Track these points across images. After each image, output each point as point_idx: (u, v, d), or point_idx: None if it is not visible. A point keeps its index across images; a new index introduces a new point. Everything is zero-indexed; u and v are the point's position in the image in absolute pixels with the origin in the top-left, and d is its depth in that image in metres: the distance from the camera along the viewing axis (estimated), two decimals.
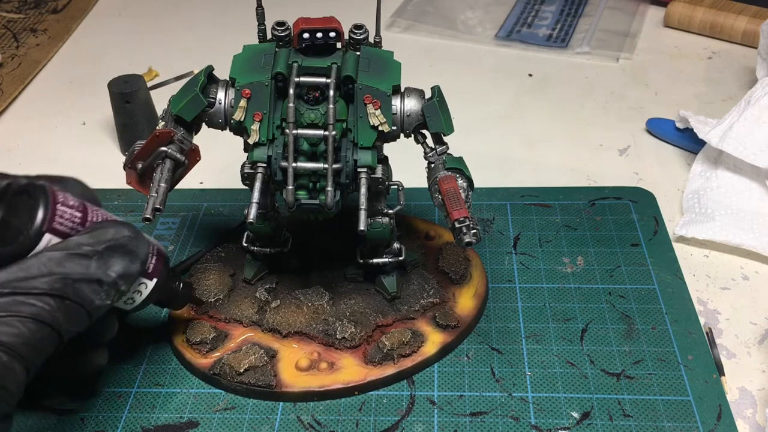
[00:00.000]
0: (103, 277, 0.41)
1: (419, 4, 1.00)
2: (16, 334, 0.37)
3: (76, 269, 0.40)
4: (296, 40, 0.48)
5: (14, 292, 0.38)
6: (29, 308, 0.38)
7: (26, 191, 0.41)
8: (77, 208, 0.43)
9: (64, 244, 0.41)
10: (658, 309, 0.56)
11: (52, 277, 0.39)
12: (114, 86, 0.72)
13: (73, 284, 0.40)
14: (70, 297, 0.39)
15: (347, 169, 0.48)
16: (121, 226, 0.43)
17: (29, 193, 0.41)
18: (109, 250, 0.42)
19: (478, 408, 0.50)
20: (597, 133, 0.77)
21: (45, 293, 0.38)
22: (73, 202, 0.43)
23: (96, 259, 0.41)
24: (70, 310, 0.40)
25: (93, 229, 0.42)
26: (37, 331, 0.38)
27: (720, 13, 0.90)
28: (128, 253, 0.43)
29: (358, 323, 0.53)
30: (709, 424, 0.48)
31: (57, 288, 0.39)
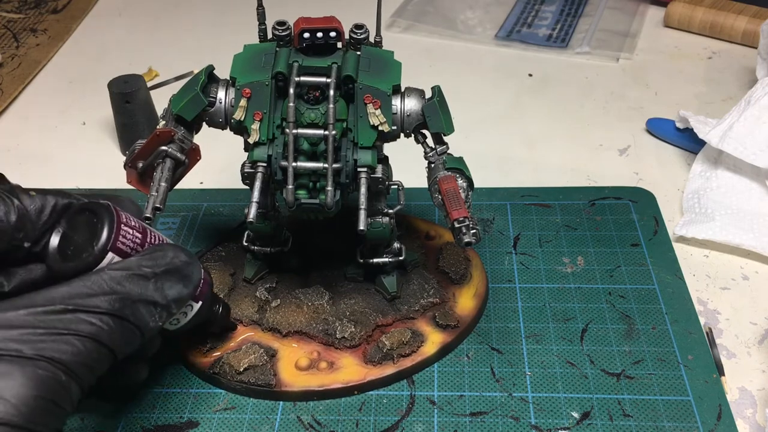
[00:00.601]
0: (160, 300, 0.42)
1: (419, 4, 1.00)
2: (75, 353, 0.37)
3: (136, 290, 0.40)
4: (297, 40, 0.48)
5: (77, 309, 0.37)
6: (89, 327, 0.38)
7: (89, 209, 0.41)
8: (138, 229, 0.43)
9: (125, 264, 0.41)
10: (658, 309, 0.56)
11: (113, 296, 0.39)
12: (114, 86, 0.72)
13: (132, 305, 0.40)
14: (128, 318, 0.39)
15: (347, 169, 0.48)
16: (179, 250, 0.44)
17: (93, 212, 0.41)
18: (166, 273, 0.42)
19: (478, 408, 0.50)
20: (597, 133, 0.77)
21: (105, 312, 0.38)
22: (134, 222, 0.43)
23: (154, 282, 0.41)
24: (126, 330, 0.40)
25: (152, 251, 0.42)
26: (95, 350, 0.38)
27: (720, 13, 0.90)
28: (183, 277, 0.43)
29: (358, 323, 0.53)
30: (709, 424, 0.48)
31: (117, 308, 0.39)
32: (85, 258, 0.40)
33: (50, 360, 0.36)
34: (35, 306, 0.36)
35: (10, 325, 0.35)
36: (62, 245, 0.41)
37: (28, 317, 0.36)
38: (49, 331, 0.36)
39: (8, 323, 0.35)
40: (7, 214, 0.40)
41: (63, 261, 0.40)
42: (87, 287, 0.38)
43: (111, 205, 0.42)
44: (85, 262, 0.40)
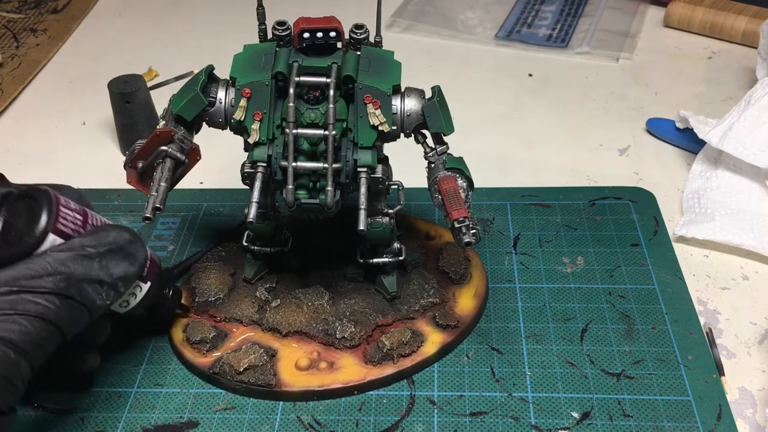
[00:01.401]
0: (105, 278, 0.43)
1: (419, 4, 1.00)
2: (22, 331, 0.38)
3: (80, 269, 0.41)
4: (297, 40, 0.48)
5: (21, 290, 0.39)
6: (35, 307, 0.39)
7: (28, 196, 0.42)
8: (78, 211, 0.44)
9: (68, 245, 0.42)
10: (658, 309, 0.56)
11: (58, 277, 0.40)
12: (114, 86, 0.72)
13: (77, 284, 0.41)
14: (74, 296, 0.41)
15: (347, 169, 0.48)
16: (122, 230, 0.45)
17: (32, 197, 0.42)
18: (110, 252, 0.43)
19: (478, 408, 0.50)
20: (597, 133, 0.77)
21: (50, 292, 0.40)
22: (74, 205, 0.44)
23: (98, 261, 0.42)
24: (73, 309, 0.41)
25: (95, 232, 0.44)
26: (42, 329, 0.39)
27: (720, 13, 0.90)
28: (128, 256, 0.44)
29: (358, 323, 0.53)
30: (709, 424, 0.48)
31: (62, 287, 0.40)
32: (26, 242, 0.41)
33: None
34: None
35: None
36: (4, 233, 0.41)
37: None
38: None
39: None
40: None
41: (4, 246, 0.41)
42: (31, 269, 0.40)
43: (49, 190, 0.43)
44: (27, 245, 0.41)
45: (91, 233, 0.44)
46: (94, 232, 0.44)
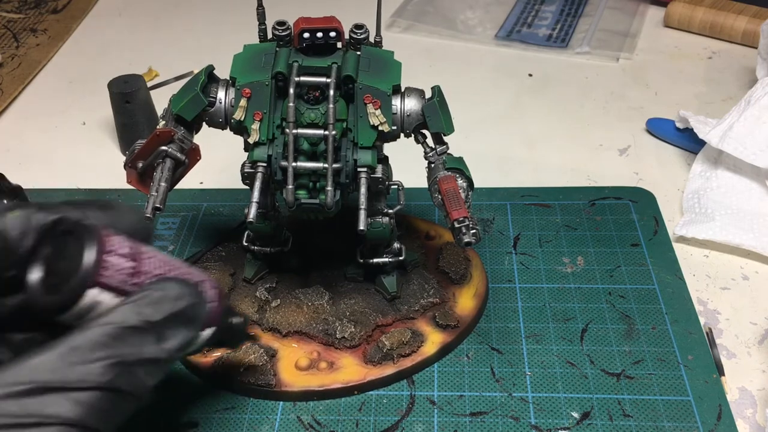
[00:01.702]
0: (162, 355, 0.35)
1: (419, 4, 1.00)
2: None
3: (133, 350, 0.33)
4: (297, 40, 0.48)
5: (59, 387, 0.31)
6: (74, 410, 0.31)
7: (72, 233, 0.36)
8: (129, 256, 0.37)
9: (119, 315, 0.34)
10: (658, 309, 0.56)
11: (105, 363, 0.32)
12: (114, 86, 0.72)
13: (127, 369, 0.33)
14: (122, 387, 0.33)
15: (347, 169, 0.48)
16: (183, 287, 0.37)
17: (76, 236, 0.36)
18: (168, 320, 0.36)
19: (478, 408, 0.50)
20: (597, 133, 0.77)
21: (94, 387, 0.32)
22: (125, 248, 0.37)
23: (152, 334, 0.35)
24: (118, 403, 0.33)
25: (152, 293, 0.36)
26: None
27: (720, 13, 0.90)
28: (188, 321, 0.37)
29: (358, 323, 0.53)
30: (709, 424, 0.48)
31: (108, 380, 0.32)
32: (65, 292, 0.35)
33: None
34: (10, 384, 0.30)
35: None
36: (44, 273, 0.36)
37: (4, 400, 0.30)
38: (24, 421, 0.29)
39: None
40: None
41: (42, 291, 0.35)
42: (74, 351, 0.32)
43: (95, 230, 0.36)
44: (65, 297, 0.35)
45: (147, 294, 0.36)
46: (151, 293, 0.36)
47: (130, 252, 0.37)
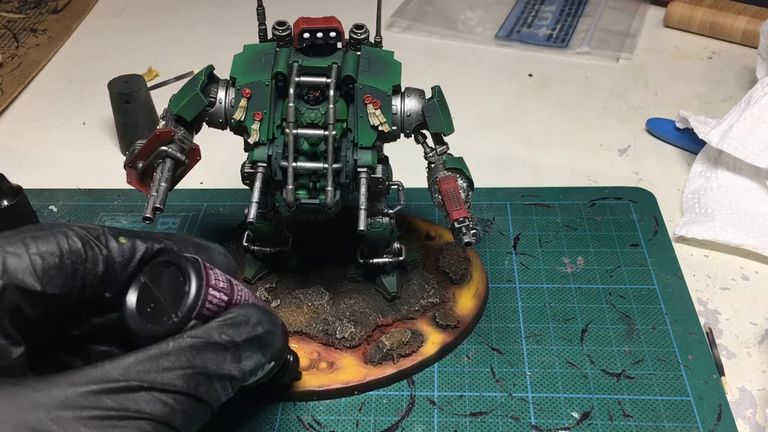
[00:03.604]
0: (236, 373, 0.37)
1: (419, 4, 1.00)
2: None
3: (213, 365, 0.36)
4: (297, 40, 0.48)
5: (152, 387, 0.33)
6: (163, 409, 0.33)
7: (175, 264, 0.37)
8: (225, 291, 0.38)
9: (205, 331, 0.36)
10: (658, 309, 0.56)
11: (190, 372, 0.34)
12: (114, 86, 0.72)
13: (207, 380, 0.35)
14: (202, 396, 0.35)
15: (347, 169, 0.48)
16: (263, 315, 0.40)
17: (180, 269, 0.37)
18: (246, 343, 0.38)
19: (478, 408, 0.50)
20: (597, 133, 0.77)
21: (179, 392, 0.34)
22: (222, 283, 0.39)
23: (232, 353, 0.37)
24: (197, 410, 0.35)
25: (236, 317, 0.38)
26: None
27: (720, 13, 0.90)
28: (263, 347, 0.39)
29: (358, 323, 0.53)
30: (709, 424, 0.48)
31: (192, 387, 0.34)
32: (165, 322, 0.36)
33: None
34: (108, 380, 0.32)
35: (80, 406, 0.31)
36: (141, 300, 0.37)
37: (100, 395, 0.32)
38: (119, 414, 0.32)
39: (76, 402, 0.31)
40: (95, 264, 0.36)
41: (141, 319, 0.37)
42: (163, 356, 0.34)
43: (201, 263, 0.37)
44: (167, 327, 0.36)
45: (231, 317, 0.38)
46: (235, 317, 0.38)
47: (225, 287, 0.39)
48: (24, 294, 0.34)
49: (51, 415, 0.30)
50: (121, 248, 0.37)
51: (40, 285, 0.34)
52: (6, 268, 0.34)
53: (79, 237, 0.36)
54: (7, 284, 0.33)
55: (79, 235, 0.36)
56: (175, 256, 0.38)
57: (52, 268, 0.35)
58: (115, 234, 0.37)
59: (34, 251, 0.34)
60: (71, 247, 0.35)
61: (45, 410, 0.30)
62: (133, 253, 0.38)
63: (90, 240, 0.36)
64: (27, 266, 0.34)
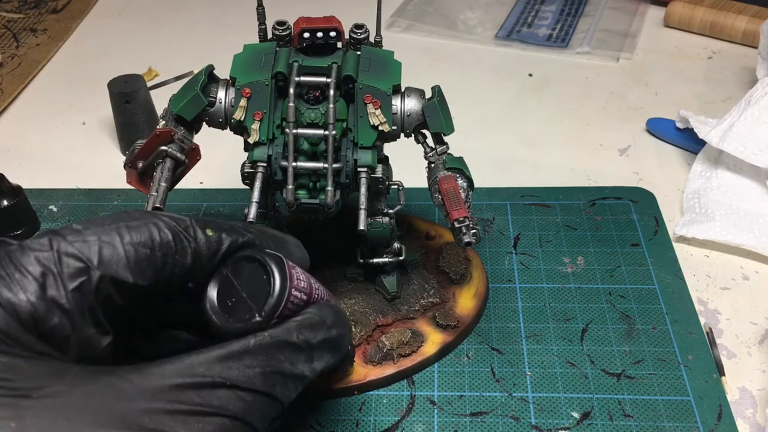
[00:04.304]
0: (308, 374, 0.37)
1: (419, 4, 1.00)
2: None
3: (288, 365, 0.36)
4: (297, 40, 0.48)
5: (234, 385, 0.33)
6: (243, 406, 0.33)
7: (259, 261, 0.37)
8: (305, 291, 0.38)
9: (285, 330, 0.36)
10: (659, 309, 0.56)
11: (268, 370, 0.35)
12: (114, 86, 0.72)
13: (282, 380, 0.35)
14: (277, 395, 0.35)
15: (347, 169, 0.48)
16: (336, 316, 0.39)
17: (263, 266, 0.37)
18: (319, 344, 0.38)
19: (479, 408, 0.50)
20: (597, 133, 0.77)
21: (260, 391, 0.34)
22: (303, 283, 0.38)
23: (306, 353, 0.37)
24: (272, 408, 0.35)
25: (312, 318, 0.38)
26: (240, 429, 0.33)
27: (720, 12, 0.90)
28: (334, 348, 0.39)
29: (358, 323, 0.53)
30: (709, 424, 0.48)
31: (269, 385, 0.35)
32: (247, 320, 0.36)
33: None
34: (194, 375, 0.32)
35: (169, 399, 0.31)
36: (222, 293, 0.37)
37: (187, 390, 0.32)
38: (204, 409, 0.32)
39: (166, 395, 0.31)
40: (184, 256, 0.36)
41: (222, 313, 0.36)
42: (246, 357, 0.34)
43: (285, 262, 0.37)
44: (249, 325, 0.36)
45: (308, 318, 0.38)
46: (311, 318, 0.38)
47: (305, 285, 0.39)
48: (116, 285, 0.34)
49: (142, 406, 0.30)
50: (208, 241, 0.37)
51: (132, 277, 0.34)
52: (102, 258, 0.33)
53: (169, 228, 0.35)
54: (103, 275, 0.33)
55: (169, 226, 0.36)
56: (259, 252, 0.37)
57: (144, 260, 0.34)
58: (202, 226, 0.37)
59: (128, 241, 0.34)
60: (162, 239, 0.35)
61: (137, 402, 0.31)
62: (219, 246, 0.37)
63: (179, 232, 0.36)
64: (121, 257, 0.34)
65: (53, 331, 0.32)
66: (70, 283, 0.32)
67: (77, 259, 0.33)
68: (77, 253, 0.33)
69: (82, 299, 0.33)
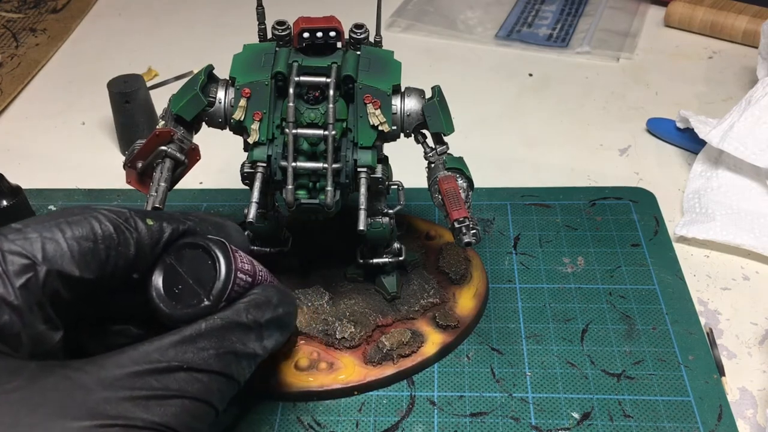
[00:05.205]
0: (260, 352, 0.39)
1: (419, 4, 1.00)
2: (186, 416, 0.34)
3: (240, 344, 0.37)
4: (296, 40, 0.47)
5: (191, 367, 0.35)
6: (198, 386, 0.35)
7: (202, 247, 0.38)
8: (249, 273, 0.40)
9: (233, 313, 0.38)
10: (659, 309, 0.56)
11: (221, 351, 0.36)
12: (114, 86, 0.72)
13: (236, 359, 0.37)
14: (233, 375, 0.37)
15: (347, 169, 0.48)
16: (283, 296, 0.41)
17: (207, 251, 0.38)
18: (268, 323, 0.39)
19: (479, 408, 0.50)
20: (597, 133, 0.77)
21: (216, 371, 0.35)
22: (247, 266, 0.40)
23: (256, 332, 0.39)
24: (229, 387, 0.37)
25: (258, 298, 0.39)
26: (203, 411, 0.35)
27: (720, 12, 0.90)
28: (283, 326, 0.41)
29: (357, 323, 0.53)
30: (709, 424, 0.48)
31: (224, 365, 0.36)
32: (196, 305, 0.37)
33: (163, 427, 0.32)
34: (150, 361, 0.33)
35: (128, 386, 0.32)
36: (167, 281, 0.38)
37: (145, 376, 0.33)
38: (164, 393, 0.33)
39: (124, 383, 0.32)
40: (127, 247, 0.36)
41: (170, 301, 0.37)
42: (198, 337, 0.35)
43: (228, 247, 0.38)
44: (198, 310, 0.37)
45: (254, 298, 0.39)
46: (257, 298, 0.39)
47: (249, 268, 0.40)
48: (63, 279, 0.34)
49: (103, 395, 0.31)
50: (149, 230, 0.38)
51: (78, 270, 0.35)
52: (46, 254, 0.34)
53: (110, 221, 0.36)
54: (49, 270, 0.34)
55: (109, 219, 0.36)
56: (201, 239, 0.38)
57: (88, 253, 0.35)
58: (142, 216, 0.38)
59: (70, 236, 0.35)
60: (104, 232, 0.36)
61: (97, 392, 0.31)
62: (161, 235, 0.38)
63: (120, 223, 0.36)
64: (65, 251, 0.34)
65: (3, 328, 0.33)
66: (17, 280, 0.33)
67: (21, 256, 0.33)
68: (21, 250, 0.33)
69: (29, 295, 0.33)
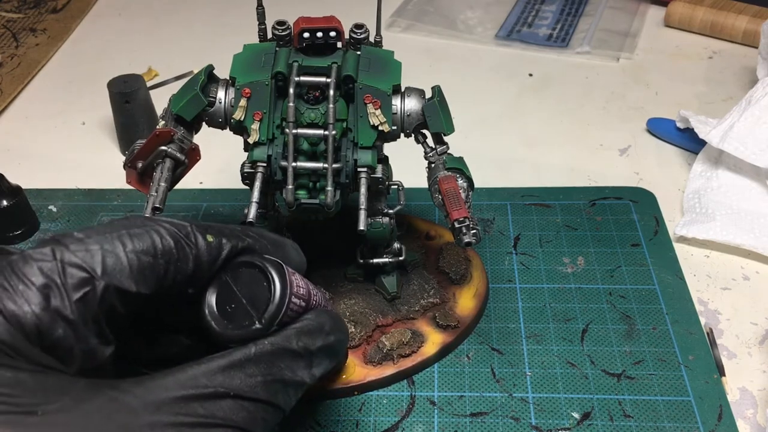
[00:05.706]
0: (308, 380, 0.37)
1: (419, 4, 1.00)
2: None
3: (289, 372, 0.36)
4: (297, 40, 0.47)
5: (238, 395, 0.33)
6: (246, 416, 0.33)
7: (259, 267, 0.37)
8: (304, 297, 0.38)
9: (284, 337, 0.36)
10: (659, 309, 0.56)
11: (269, 379, 0.35)
12: (114, 86, 0.72)
13: (284, 388, 0.36)
14: (279, 404, 0.35)
15: (347, 169, 0.48)
16: (334, 322, 0.40)
17: (263, 272, 0.37)
18: (318, 351, 0.38)
19: (479, 408, 0.50)
20: (597, 133, 0.77)
21: (262, 400, 0.34)
22: (302, 290, 0.38)
23: (305, 360, 0.37)
24: (273, 416, 0.35)
25: (311, 325, 0.38)
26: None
27: (721, 12, 0.90)
28: (332, 354, 0.39)
29: (357, 323, 0.53)
30: (709, 424, 0.48)
31: (271, 395, 0.35)
32: (247, 327, 0.36)
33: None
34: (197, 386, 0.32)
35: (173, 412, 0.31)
36: (221, 299, 0.37)
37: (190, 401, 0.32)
38: (208, 421, 0.32)
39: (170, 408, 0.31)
40: (186, 263, 0.35)
41: (222, 320, 0.36)
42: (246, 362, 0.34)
43: (285, 269, 0.37)
44: (249, 333, 0.36)
45: (307, 325, 0.38)
46: (310, 325, 0.38)
47: (304, 293, 0.38)
48: (120, 294, 0.33)
49: (147, 420, 0.30)
50: (208, 247, 0.36)
51: (135, 285, 0.33)
52: (105, 268, 0.33)
53: (171, 235, 0.35)
54: (107, 285, 0.33)
55: (171, 233, 0.35)
56: (259, 258, 0.37)
57: (147, 268, 0.34)
58: (203, 231, 0.37)
59: (131, 249, 0.34)
60: (165, 246, 0.35)
61: (141, 416, 0.30)
62: (220, 252, 0.37)
63: (181, 238, 0.35)
64: (125, 266, 0.33)
65: (57, 343, 0.32)
66: (75, 294, 0.32)
67: (81, 269, 0.32)
68: (81, 262, 0.32)
69: (85, 310, 0.32)
